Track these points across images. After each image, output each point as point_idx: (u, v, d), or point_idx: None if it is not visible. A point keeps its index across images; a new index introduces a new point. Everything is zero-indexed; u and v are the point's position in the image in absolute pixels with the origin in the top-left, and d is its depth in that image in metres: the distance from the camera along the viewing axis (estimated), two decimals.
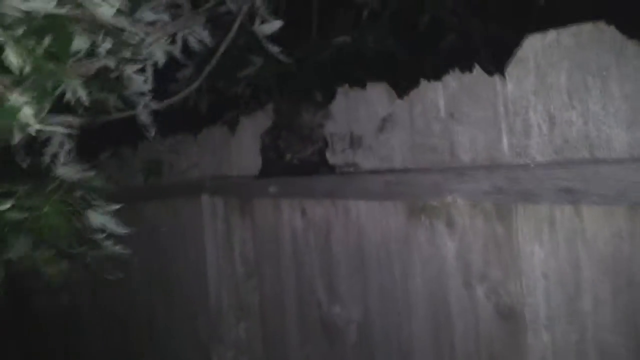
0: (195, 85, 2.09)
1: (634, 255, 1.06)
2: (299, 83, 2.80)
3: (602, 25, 1.07)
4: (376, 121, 1.65)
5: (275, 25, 1.74)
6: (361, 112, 1.70)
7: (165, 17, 1.65)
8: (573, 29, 1.11)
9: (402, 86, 1.64)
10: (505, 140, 1.28)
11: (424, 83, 1.48)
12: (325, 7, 2.90)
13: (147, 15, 1.59)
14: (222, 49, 1.88)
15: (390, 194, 1.43)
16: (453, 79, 1.40)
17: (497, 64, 1.28)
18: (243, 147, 2.32)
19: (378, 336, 1.69)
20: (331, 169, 1.83)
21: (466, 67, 1.37)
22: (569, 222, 1.16)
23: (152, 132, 1.81)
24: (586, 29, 1.09)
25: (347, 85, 1.78)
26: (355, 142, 1.74)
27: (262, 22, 1.75)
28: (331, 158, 1.84)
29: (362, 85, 1.70)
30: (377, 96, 1.64)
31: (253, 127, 2.24)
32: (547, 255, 1.21)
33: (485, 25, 2.83)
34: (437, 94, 1.44)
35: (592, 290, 1.13)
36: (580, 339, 1.16)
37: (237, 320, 2.34)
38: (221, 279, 2.30)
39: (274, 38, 1.84)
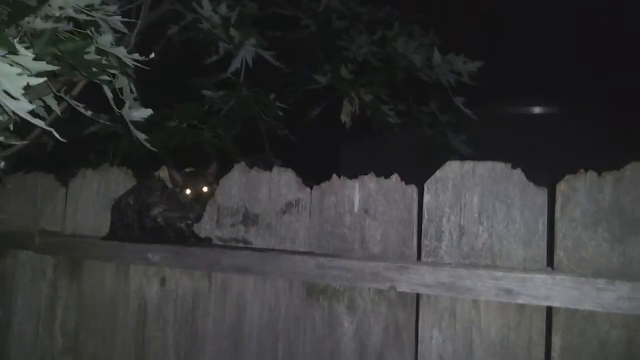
0: None
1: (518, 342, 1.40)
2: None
3: (511, 165, 1.46)
4: (280, 203, 1.74)
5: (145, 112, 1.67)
6: (262, 191, 1.78)
7: None
8: (488, 164, 1.48)
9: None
10: (415, 240, 1.55)
11: (339, 179, 1.67)
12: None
13: None
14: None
15: (322, 276, 1.52)
16: (371, 181, 1.63)
17: None
18: (81, 202, 2.07)
19: None
20: (217, 240, 1.81)
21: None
22: (468, 313, 1.45)
23: None
24: (499, 166, 1.47)
25: (243, 163, 1.84)
26: (249, 218, 1.78)
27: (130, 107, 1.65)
28: (215, 230, 1.83)
29: (267, 167, 1.79)
30: (285, 181, 1.75)
31: (100, 184, 2.04)
32: (445, 340, 1.47)
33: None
34: (352, 191, 1.64)
35: None
36: None
37: None
38: (35, 352, 1.91)
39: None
